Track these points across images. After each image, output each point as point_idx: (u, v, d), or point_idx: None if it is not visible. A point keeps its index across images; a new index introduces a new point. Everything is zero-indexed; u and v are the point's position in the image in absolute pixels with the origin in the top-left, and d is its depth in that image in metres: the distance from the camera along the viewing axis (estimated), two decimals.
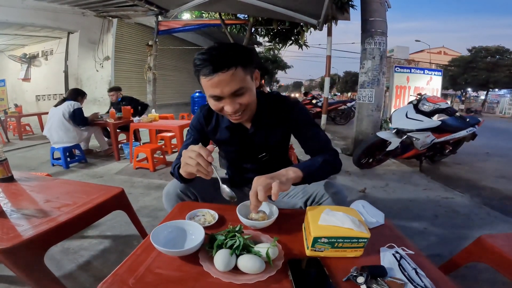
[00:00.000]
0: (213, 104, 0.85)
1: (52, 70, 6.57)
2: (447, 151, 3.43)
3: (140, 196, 2.31)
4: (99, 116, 3.54)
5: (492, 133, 7.32)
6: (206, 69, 0.75)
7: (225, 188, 0.83)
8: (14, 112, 4.94)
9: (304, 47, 6.67)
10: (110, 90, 4.06)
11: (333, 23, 3.93)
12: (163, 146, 3.64)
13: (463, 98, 23.45)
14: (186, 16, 6.53)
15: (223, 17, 5.41)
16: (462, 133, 3.12)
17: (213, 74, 0.75)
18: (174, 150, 3.98)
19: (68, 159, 3.15)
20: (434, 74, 4.98)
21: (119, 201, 1.29)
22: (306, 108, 1.07)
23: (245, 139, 1.02)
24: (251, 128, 1.00)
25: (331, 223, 0.67)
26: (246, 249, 0.64)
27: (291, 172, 0.80)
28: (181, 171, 0.82)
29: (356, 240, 0.65)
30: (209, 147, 0.76)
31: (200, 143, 0.79)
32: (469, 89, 22.68)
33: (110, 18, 5.81)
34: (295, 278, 0.57)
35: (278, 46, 7.23)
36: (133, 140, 3.43)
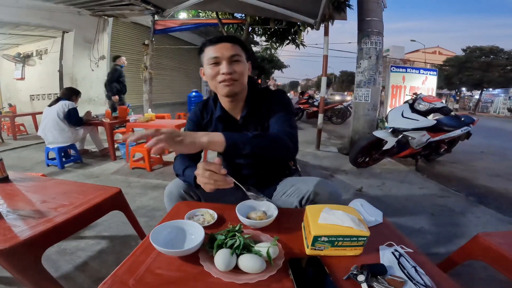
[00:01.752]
0: (210, 72, 0.96)
1: (46, 69, 6.47)
2: (442, 150, 3.46)
3: (137, 196, 2.30)
4: (94, 116, 3.51)
5: (486, 132, 7.41)
6: (213, 39, 0.97)
7: (252, 194, 0.87)
8: (8, 112, 4.87)
9: (301, 46, 6.68)
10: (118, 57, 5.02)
11: (329, 22, 3.94)
12: None
13: (457, 98, 23.68)
14: (183, 15, 6.48)
15: (220, 16, 5.38)
16: (457, 132, 3.15)
17: (219, 42, 0.95)
18: (171, 150, 3.95)
19: (63, 159, 3.12)
20: (429, 74, 5.02)
21: (117, 201, 1.28)
22: (289, 98, 1.10)
23: (235, 130, 1.05)
24: (240, 119, 1.05)
25: (331, 221, 0.67)
26: (246, 248, 0.64)
27: (206, 138, 0.75)
28: (203, 188, 0.81)
29: (356, 239, 0.65)
30: (216, 160, 0.79)
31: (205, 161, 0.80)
32: (463, 89, 22.93)
33: (106, 17, 5.75)
34: (296, 277, 0.58)
35: (275, 46, 7.23)
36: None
